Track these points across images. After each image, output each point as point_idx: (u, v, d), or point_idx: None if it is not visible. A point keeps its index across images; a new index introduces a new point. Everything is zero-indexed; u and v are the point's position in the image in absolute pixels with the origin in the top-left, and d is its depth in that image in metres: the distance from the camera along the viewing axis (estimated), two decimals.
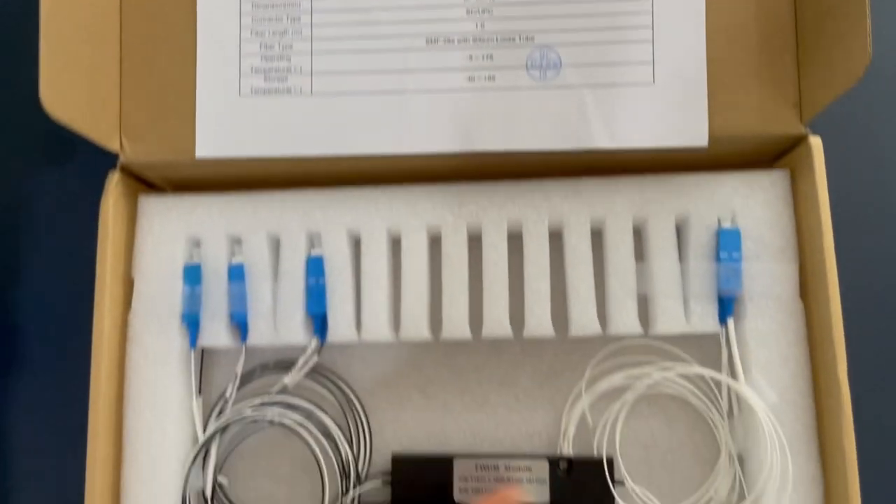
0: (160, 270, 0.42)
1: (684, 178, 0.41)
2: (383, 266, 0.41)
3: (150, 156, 0.41)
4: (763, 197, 0.40)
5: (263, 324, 0.41)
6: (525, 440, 0.42)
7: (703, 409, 0.41)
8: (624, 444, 0.41)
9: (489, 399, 0.42)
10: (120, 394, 0.41)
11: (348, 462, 0.41)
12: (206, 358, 0.43)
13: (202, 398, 0.42)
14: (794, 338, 0.39)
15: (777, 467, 0.37)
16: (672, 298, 0.40)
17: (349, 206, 0.42)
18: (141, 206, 0.43)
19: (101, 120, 0.41)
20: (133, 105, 0.41)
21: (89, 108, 0.40)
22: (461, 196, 0.41)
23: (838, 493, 0.36)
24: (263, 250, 0.42)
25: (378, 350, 0.43)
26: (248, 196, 0.42)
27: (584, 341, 0.42)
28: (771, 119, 0.39)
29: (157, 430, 0.40)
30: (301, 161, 0.41)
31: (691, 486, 0.40)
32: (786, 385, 0.38)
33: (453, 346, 0.43)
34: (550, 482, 0.39)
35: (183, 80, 0.41)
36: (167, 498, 0.40)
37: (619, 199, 0.41)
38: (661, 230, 0.40)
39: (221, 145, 0.41)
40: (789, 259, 0.40)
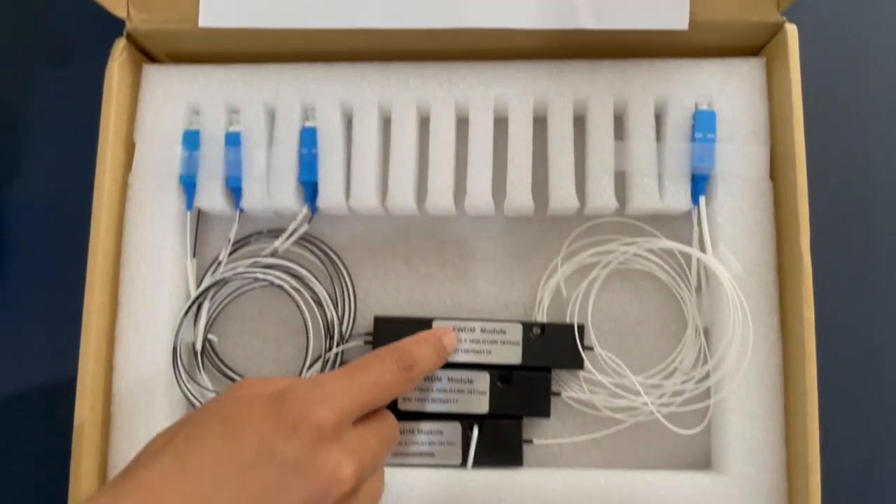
0: (161, 135, 0.43)
1: (665, 63, 0.42)
2: (373, 138, 0.43)
3: (156, 24, 0.43)
4: (739, 83, 0.42)
5: (257, 188, 0.43)
6: (502, 310, 0.44)
7: (673, 284, 0.42)
8: (596, 316, 0.43)
9: (469, 272, 0.44)
10: (118, 248, 0.43)
11: (333, 323, 0.43)
12: (201, 225, 0.45)
13: (196, 261, 0.44)
14: (762, 215, 0.41)
15: (738, 333, 0.39)
16: (648, 176, 0.41)
17: (343, 80, 0.43)
18: (145, 74, 0.44)
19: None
20: None
21: None
22: (451, 74, 0.43)
23: (796, 357, 0.38)
24: (259, 119, 0.43)
25: (366, 222, 0.45)
26: (247, 68, 0.44)
27: (562, 221, 0.44)
28: (749, 6, 0.41)
29: (153, 283, 0.42)
30: (298, 33, 0.42)
31: (658, 356, 0.42)
32: (752, 258, 0.40)
33: (438, 220, 0.45)
34: (524, 344, 0.41)
35: None
36: (159, 348, 0.42)
37: (601, 81, 0.42)
38: (641, 111, 0.42)
39: (224, 15, 0.42)
40: (761, 141, 0.41)
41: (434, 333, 0.39)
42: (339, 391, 0.32)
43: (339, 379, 0.33)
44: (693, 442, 0.42)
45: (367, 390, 0.33)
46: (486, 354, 0.41)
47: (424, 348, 0.37)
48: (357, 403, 0.32)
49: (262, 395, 0.32)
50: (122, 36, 0.43)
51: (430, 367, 0.37)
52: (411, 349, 0.36)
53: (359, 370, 0.34)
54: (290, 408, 0.31)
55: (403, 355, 0.35)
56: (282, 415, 0.31)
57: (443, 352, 0.38)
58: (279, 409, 0.31)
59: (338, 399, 0.32)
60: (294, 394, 0.31)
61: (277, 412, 0.31)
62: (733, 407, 0.39)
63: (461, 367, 0.41)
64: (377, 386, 0.33)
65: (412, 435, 0.40)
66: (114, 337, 0.42)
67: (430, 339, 0.38)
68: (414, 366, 0.35)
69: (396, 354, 0.35)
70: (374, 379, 0.33)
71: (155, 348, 0.42)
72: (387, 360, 0.34)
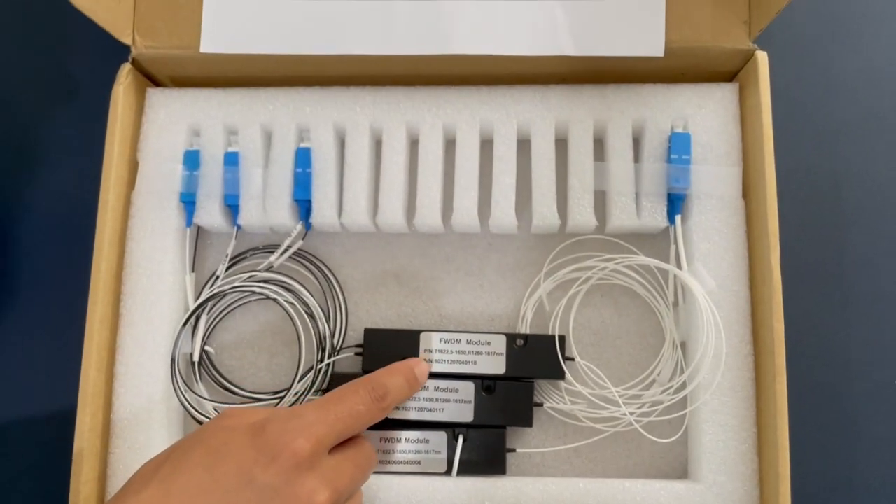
0: (163, 154, 0.46)
1: (643, 88, 0.44)
2: (365, 159, 0.45)
3: (160, 50, 0.45)
4: (713, 107, 0.44)
5: (254, 206, 0.45)
6: (487, 323, 0.45)
7: (651, 299, 0.44)
8: (577, 329, 0.45)
9: (456, 286, 0.46)
10: (120, 263, 0.45)
11: (325, 335, 0.44)
12: (200, 241, 0.47)
13: (195, 276, 0.46)
14: (735, 233, 0.43)
15: (712, 346, 0.41)
16: (626, 196, 0.43)
17: (336, 103, 0.45)
18: (148, 97, 0.47)
19: (118, 15, 0.45)
20: (146, 4, 0.45)
21: (107, 3, 0.44)
22: (439, 98, 0.45)
23: (767, 369, 0.40)
24: (257, 140, 0.46)
25: (357, 238, 0.47)
26: (245, 91, 0.46)
27: (545, 238, 0.46)
28: (722, 34, 0.43)
29: (153, 296, 0.44)
30: (294, 58, 0.45)
31: (637, 368, 0.44)
32: (725, 274, 0.42)
33: (426, 237, 0.47)
34: (507, 355, 0.43)
35: None
36: (158, 359, 0.44)
37: (582, 105, 0.44)
38: (620, 134, 0.44)
39: (224, 42, 0.45)
40: (734, 163, 0.43)
41: (407, 364, 0.41)
42: (315, 422, 0.34)
43: (316, 410, 0.35)
44: (671, 451, 0.43)
45: (342, 420, 0.35)
46: (471, 365, 0.43)
47: (397, 379, 0.39)
48: (332, 433, 0.35)
49: (243, 426, 0.34)
50: (127, 61, 0.45)
51: (402, 396, 0.40)
52: (384, 381, 0.38)
53: (334, 401, 0.36)
54: (269, 438, 0.33)
55: (376, 386, 0.37)
56: (261, 444, 0.33)
57: (414, 381, 0.41)
58: (259, 440, 0.33)
59: (314, 429, 0.34)
60: (273, 424, 0.34)
61: (257, 442, 0.33)
62: (707, 417, 0.41)
63: (447, 377, 0.42)
64: (351, 416, 0.36)
65: (399, 443, 0.42)
66: (115, 347, 0.44)
67: (403, 369, 0.40)
68: (386, 396, 0.37)
69: (370, 386, 0.37)
70: (349, 409, 0.36)
71: (154, 359, 0.44)
72: (360, 392, 0.37)
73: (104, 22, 0.44)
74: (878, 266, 0.47)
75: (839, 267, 0.47)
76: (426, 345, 0.43)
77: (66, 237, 0.49)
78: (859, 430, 0.45)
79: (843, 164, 0.48)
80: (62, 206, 0.50)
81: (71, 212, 0.49)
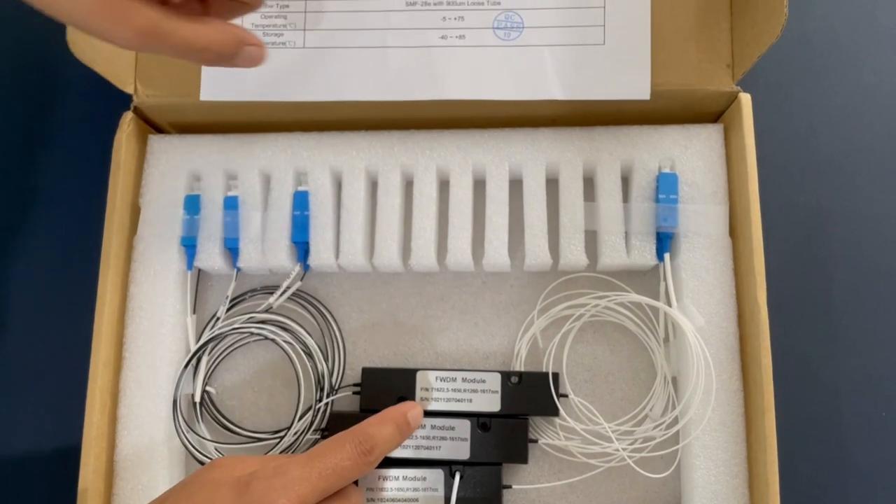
0: (164, 199, 0.47)
1: (630, 130, 0.46)
2: (361, 201, 0.46)
3: (161, 98, 0.47)
4: (699, 147, 0.45)
5: (253, 248, 0.46)
6: (482, 360, 0.46)
7: (642, 335, 0.45)
8: (570, 366, 0.45)
9: (451, 325, 0.47)
10: (123, 306, 0.46)
11: (323, 375, 0.45)
12: (200, 282, 0.48)
13: (196, 318, 0.47)
14: (723, 270, 0.44)
15: (702, 382, 0.41)
16: (616, 235, 0.44)
17: (333, 148, 0.47)
18: (150, 144, 0.48)
19: (120, 65, 0.46)
20: (147, 54, 0.47)
21: (109, 54, 0.45)
22: (432, 141, 0.46)
23: (756, 404, 0.41)
24: (255, 185, 0.47)
25: (354, 278, 0.48)
26: (244, 137, 0.47)
27: (537, 276, 0.47)
28: (706, 77, 0.44)
29: (155, 338, 0.45)
30: (292, 105, 0.46)
31: (630, 404, 0.45)
32: (714, 311, 0.43)
33: (421, 276, 0.48)
34: (502, 393, 0.43)
35: None
36: (160, 400, 0.45)
37: (571, 146, 0.46)
38: (608, 175, 0.45)
39: (223, 90, 0.46)
40: (720, 202, 0.44)
41: (400, 410, 0.41)
42: (299, 479, 0.35)
43: (301, 467, 0.35)
44: (664, 486, 0.44)
45: (327, 477, 0.35)
46: (467, 403, 0.43)
47: (386, 428, 0.39)
48: (316, 490, 0.35)
49: (230, 481, 0.35)
50: (129, 109, 0.47)
51: (391, 446, 0.40)
52: (372, 432, 0.38)
53: (319, 457, 0.36)
54: (252, 496, 0.34)
55: (364, 440, 0.37)
56: (245, 502, 0.34)
57: (406, 427, 0.40)
58: (243, 497, 0.34)
59: (297, 487, 0.34)
60: (258, 482, 0.34)
61: (241, 500, 0.34)
62: (699, 452, 0.42)
63: (444, 415, 0.43)
64: (336, 472, 0.36)
65: (397, 481, 0.43)
66: (118, 390, 0.45)
67: (395, 416, 0.40)
68: (373, 449, 0.37)
69: (357, 440, 0.37)
70: (334, 465, 0.36)
71: (156, 400, 0.45)
72: (346, 446, 0.37)
73: (106, 73, 0.45)
74: (863, 299, 0.48)
75: (825, 301, 0.48)
76: (423, 383, 0.44)
77: (69, 281, 0.50)
78: (849, 463, 0.46)
79: (828, 200, 0.49)
80: (65, 250, 0.51)
81: (73, 256, 0.50)
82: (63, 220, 0.52)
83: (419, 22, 0.46)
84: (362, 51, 0.46)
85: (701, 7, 0.45)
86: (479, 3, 0.45)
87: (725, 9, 0.45)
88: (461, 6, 0.46)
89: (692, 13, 0.44)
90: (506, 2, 0.45)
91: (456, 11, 0.46)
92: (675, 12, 0.44)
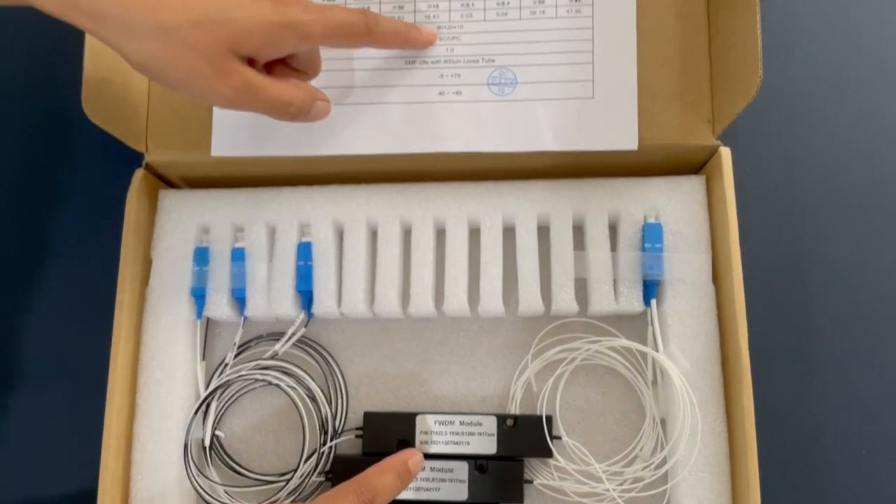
0: (175, 252, 0.49)
1: (617, 181, 0.48)
2: (362, 251, 0.48)
3: (172, 156, 0.49)
4: (683, 198, 0.47)
5: (260, 298, 0.48)
6: (479, 403, 0.48)
7: (632, 378, 0.47)
8: (563, 407, 0.47)
9: (449, 369, 0.49)
10: (136, 355, 0.48)
11: (327, 419, 0.47)
12: (209, 331, 0.50)
13: (205, 364, 0.50)
14: (706, 316, 0.46)
15: (688, 424, 0.44)
16: (604, 282, 0.47)
17: (335, 201, 0.49)
18: (161, 199, 0.50)
19: (132, 125, 0.49)
20: (159, 114, 0.50)
21: (122, 115, 0.48)
22: (429, 194, 0.49)
23: (740, 444, 0.43)
24: (262, 236, 0.49)
25: (356, 325, 0.50)
26: (251, 191, 0.50)
27: (531, 321, 0.49)
28: (688, 132, 0.47)
29: (166, 386, 0.47)
30: (297, 159, 0.48)
31: (620, 444, 0.47)
32: (698, 355, 0.45)
33: (420, 322, 0.50)
34: (498, 435, 0.45)
35: None
36: (172, 445, 0.47)
37: (562, 198, 0.48)
38: (597, 225, 0.47)
39: (232, 146, 0.49)
40: (703, 250, 0.47)
41: (400, 457, 0.43)
42: None
43: None
44: None
45: None
46: (464, 445, 0.45)
47: (387, 477, 0.41)
48: None
49: None
50: (140, 167, 0.49)
51: (392, 493, 0.42)
52: (373, 482, 0.40)
53: None
54: None
55: (365, 490, 0.39)
56: None
57: (407, 475, 0.43)
58: None
59: None
60: None
61: None
62: (686, 493, 0.44)
63: (442, 457, 0.45)
64: None
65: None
66: (132, 435, 0.47)
67: (396, 465, 0.42)
68: (375, 499, 0.39)
69: (359, 489, 0.39)
70: None
71: (168, 445, 0.47)
72: (349, 497, 0.39)
73: (119, 133, 0.48)
74: (841, 341, 0.50)
75: (806, 343, 0.50)
76: (422, 427, 0.46)
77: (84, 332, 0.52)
78: (831, 499, 0.48)
79: (808, 245, 0.51)
80: (79, 302, 0.53)
81: (87, 308, 0.53)
82: (77, 273, 0.54)
83: (418, 79, 0.48)
84: (365, 107, 0.48)
85: (683, 66, 0.47)
86: (474, 60, 0.48)
87: (706, 68, 0.47)
88: (458, 64, 0.48)
89: (675, 71, 0.47)
90: (500, 59, 0.48)
91: (453, 69, 0.48)
92: (658, 70, 0.47)
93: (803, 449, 0.48)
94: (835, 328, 0.50)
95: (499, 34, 0.48)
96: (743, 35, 0.43)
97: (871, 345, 0.50)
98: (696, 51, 0.47)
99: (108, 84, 0.46)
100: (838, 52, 0.54)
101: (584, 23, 0.47)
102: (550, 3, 0.47)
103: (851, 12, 0.54)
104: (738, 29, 0.43)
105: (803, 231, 0.51)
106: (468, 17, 0.48)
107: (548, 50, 0.47)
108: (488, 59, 0.48)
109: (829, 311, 0.50)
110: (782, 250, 0.51)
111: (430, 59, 0.48)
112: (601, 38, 0.47)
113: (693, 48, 0.47)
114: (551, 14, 0.47)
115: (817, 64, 0.54)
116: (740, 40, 0.43)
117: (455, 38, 0.48)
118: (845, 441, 0.48)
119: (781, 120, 0.53)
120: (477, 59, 0.48)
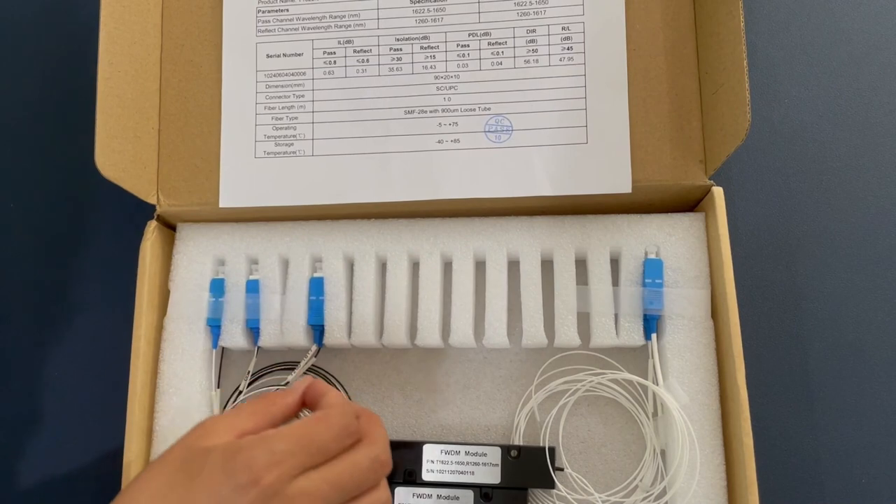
0: (191, 284, 0.51)
1: (618, 218, 0.50)
2: (371, 284, 0.50)
3: (182, 207, 0.51)
4: (681, 235, 0.49)
5: (273, 329, 0.50)
6: (484, 432, 0.50)
7: (633, 410, 0.48)
8: (566, 438, 0.49)
9: (455, 398, 0.51)
10: (154, 382, 0.50)
11: None
12: (225, 359, 0.52)
13: (221, 391, 0.51)
14: (705, 351, 0.47)
15: (687, 457, 0.45)
16: (606, 317, 0.48)
17: (345, 236, 0.51)
18: (178, 230, 0.53)
19: (143, 179, 0.51)
20: (169, 167, 0.52)
21: (133, 169, 0.50)
22: (436, 229, 0.51)
23: (739, 478, 0.44)
24: (275, 269, 0.51)
25: (366, 355, 0.52)
26: (264, 226, 0.52)
27: (535, 353, 0.50)
28: (681, 173, 0.48)
29: (183, 413, 0.49)
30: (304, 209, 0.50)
31: (621, 475, 0.48)
32: (697, 389, 0.46)
33: (427, 353, 0.51)
34: (502, 466, 0.47)
35: (209, 147, 0.51)
36: None
37: (564, 234, 0.50)
38: (598, 260, 0.49)
39: (241, 197, 0.51)
40: (702, 286, 0.48)
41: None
42: (286, 452, 0.33)
43: (286, 438, 0.34)
44: None
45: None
46: (469, 475, 0.47)
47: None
48: (298, 463, 0.34)
49: (218, 449, 0.34)
50: (152, 219, 0.51)
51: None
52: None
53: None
54: (239, 464, 0.33)
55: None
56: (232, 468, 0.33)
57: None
58: (231, 462, 0.33)
59: (287, 462, 0.33)
60: (245, 453, 0.33)
61: (230, 465, 0.33)
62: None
63: (448, 486, 0.47)
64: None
65: None
66: (150, 459, 0.49)
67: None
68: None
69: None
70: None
71: None
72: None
73: (131, 187, 0.49)
74: (838, 374, 0.51)
75: (803, 375, 0.51)
76: (429, 456, 0.47)
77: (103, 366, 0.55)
78: None
79: (803, 279, 0.52)
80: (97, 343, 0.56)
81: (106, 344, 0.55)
82: (95, 316, 0.57)
83: (417, 128, 0.50)
84: (366, 157, 0.50)
85: (674, 107, 0.49)
86: (471, 109, 0.50)
87: (697, 109, 0.48)
88: (455, 113, 0.50)
89: (666, 113, 0.48)
90: (496, 107, 0.50)
91: (450, 118, 0.50)
92: (651, 114, 0.48)
93: (802, 480, 0.49)
94: (831, 359, 0.51)
95: (494, 83, 0.50)
96: (730, 77, 0.44)
97: (868, 377, 0.51)
98: (687, 92, 0.49)
99: (119, 141, 0.49)
100: (829, 89, 0.55)
101: (577, 70, 0.49)
102: (544, 52, 0.49)
103: (841, 49, 0.55)
104: (725, 70, 0.45)
105: (800, 264, 0.53)
106: (464, 67, 0.50)
107: (542, 97, 0.49)
108: (485, 107, 0.50)
109: (824, 342, 0.51)
110: (778, 282, 0.52)
111: (429, 108, 0.50)
112: (594, 84, 0.49)
113: (684, 90, 0.49)
114: (545, 62, 0.49)
115: (809, 93, 0.55)
116: (728, 82, 0.45)
117: (452, 87, 0.50)
118: (844, 471, 0.49)
119: (775, 157, 0.54)
120: (473, 108, 0.50)
